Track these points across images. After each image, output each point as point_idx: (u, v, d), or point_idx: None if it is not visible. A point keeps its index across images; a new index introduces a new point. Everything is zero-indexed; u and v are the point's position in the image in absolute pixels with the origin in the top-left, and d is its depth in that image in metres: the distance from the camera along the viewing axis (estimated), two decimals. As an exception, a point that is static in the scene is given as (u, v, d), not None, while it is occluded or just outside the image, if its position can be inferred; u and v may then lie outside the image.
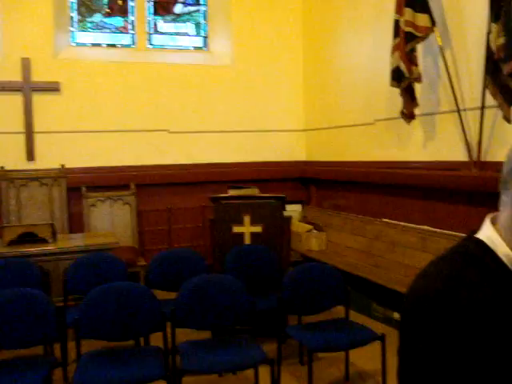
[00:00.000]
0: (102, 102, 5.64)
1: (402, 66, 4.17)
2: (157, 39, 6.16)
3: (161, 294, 3.44)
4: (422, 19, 4.05)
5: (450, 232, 4.01)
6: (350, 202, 5.55)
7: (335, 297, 3.55)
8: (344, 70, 5.63)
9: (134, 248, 5.30)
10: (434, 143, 4.34)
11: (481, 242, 0.88)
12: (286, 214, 4.53)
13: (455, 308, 0.80)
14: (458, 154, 4.02)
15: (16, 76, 5.33)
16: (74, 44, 5.82)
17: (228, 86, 6.12)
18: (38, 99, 5.41)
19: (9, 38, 5.35)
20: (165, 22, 6.23)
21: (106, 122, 5.64)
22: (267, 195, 4.51)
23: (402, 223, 4.61)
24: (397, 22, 4.24)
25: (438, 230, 4.16)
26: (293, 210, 5.93)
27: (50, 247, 4.11)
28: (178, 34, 6.26)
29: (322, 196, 6.13)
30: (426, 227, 4.32)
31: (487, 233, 0.89)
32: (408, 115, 4.31)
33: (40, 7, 5.43)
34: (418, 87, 4.28)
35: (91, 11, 5.96)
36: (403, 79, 4.18)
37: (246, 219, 4.23)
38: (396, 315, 4.30)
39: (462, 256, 0.88)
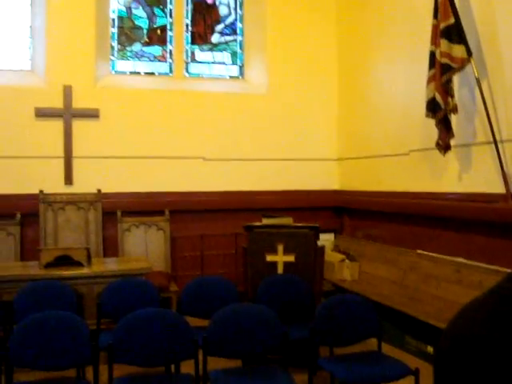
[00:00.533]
0: (139, 128, 5.76)
1: (438, 97, 4.16)
2: (194, 68, 6.29)
3: (193, 321, 3.45)
4: (458, 50, 4.05)
5: (486, 265, 3.94)
6: (383, 232, 5.51)
7: (368, 329, 3.51)
8: (379, 100, 5.64)
9: (167, 273, 5.34)
10: (469, 175, 4.29)
11: None
12: (319, 243, 4.51)
13: (497, 355, 0.79)
14: (495, 186, 3.96)
15: (58, 102, 5.50)
16: (114, 72, 5.98)
17: (263, 114, 6.20)
18: (77, 125, 5.55)
19: (52, 66, 5.53)
20: (202, 51, 6.36)
21: (142, 148, 5.75)
22: (301, 225, 4.50)
23: (437, 255, 4.54)
24: (432, 53, 4.24)
25: (474, 263, 4.09)
26: (326, 239, 5.90)
27: (85, 271, 4.18)
28: (214, 62, 6.38)
29: (355, 225, 6.10)
30: (461, 259, 4.25)
31: None
32: (443, 146, 4.27)
33: (83, 37, 5.61)
34: (453, 118, 4.26)
35: (131, 40, 6.13)
36: (439, 110, 4.16)
37: (280, 248, 4.23)
38: (430, 349, 4.21)
39: (504, 300, 0.86)
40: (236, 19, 6.49)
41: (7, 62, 5.62)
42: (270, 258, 4.24)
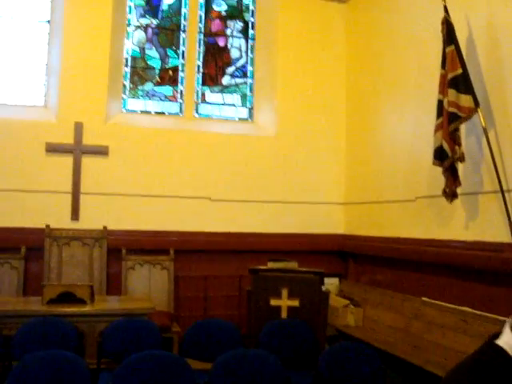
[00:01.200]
0: (147, 166, 5.80)
1: (445, 146, 4.18)
2: (204, 109, 6.38)
3: (194, 364, 3.41)
4: (466, 100, 4.09)
5: (492, 315, 3.89)
6: (388, 277, 5.47)
7: (372, 377, 3.45)
8: (386, 145, 5.68)
9: (170, 313, 5.30)
10: (476, 223, 4.28)
11: (502, 351, 0.87)
12: (323, 288, 4.49)
13: None
14: (501, 235, 3.94)
15: (69, 138, 5.56)
16: (125, 110, 6.07)
17: (270, 156, 6.24)
18: (86, 161, 5.60)
19: (65, 103, 5.62)
20: (212, 92, 6.46)
21: (150, 186, 5.78)
22: (306, 269, 4.50)
23: (442, 303, 4.49)
24: (440, 102, 4.28)
25: (479, 313, 4.03)
26: (330, 283, 5.87)
27: (88, 308, 4.15)
28: (224, 104, 6.48)
29: (360, 270, 6.06)
30: (466, 308, 4.20)
31: (507, 339, 0.88)
32: (450, 194, 4.27)
33: (96, 75, 5.72)
34: (460, 166, 4.27)
35: (143, 80, 6.24)
36: (446, 158, 4.18)
37: (284, 292, 4.22)
38: (434, 400, 4.13)
39: (483, 366, 0.87)
40: (247, 62, 6.62)
41: (22, 97, 5.72)
42: (274, 302, 4.22)
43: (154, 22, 6.36)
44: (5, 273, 5.14)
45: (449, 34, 4.29)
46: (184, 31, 6.39)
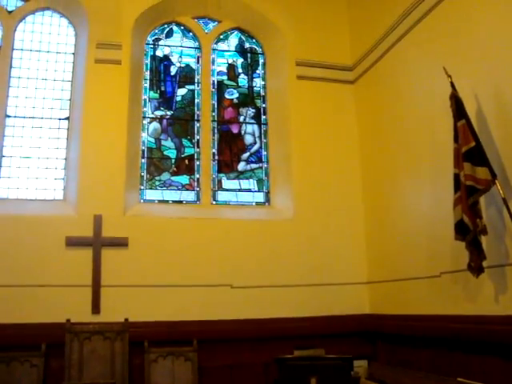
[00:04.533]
0: (167, 256, 5.78)
1: (466, 219, 4.12)
2: (221, 195, 6.43)
3: None
4: (482, 172, 4.08)
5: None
6: (419, 358, 5.23)
7: None
8: (405, 222, 5.62)
9: (194, 408, 5.11)
10: (506, 296, 4.14)
11: None
12: (352, 373, 4.31)
13: None
14: (535, 309, 3.80)
15: (88, 231, 5.59)
16: (143, 201, 6.13)
17: (289, 239, 6.19)
18: (106, 253, 5.60)
19: (84, 196, 5.69)
20: (228, 179, 6.53)
21: (170, 276, 5.73)
22: (334, 356, 4.35)
23: (479, 384, 4.27)
24: (457, 176, 4.27)
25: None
26: (359, 365, 5.63)
27: (110, 407, 4.02)
28: (240, 190, 6.53)
29: (390, 351, 5.83)
30: (506, 389, 3.99)
31: None
32: (476, 268, 4.16)
33: (114, 168, 5.84)
34: (484, 239, 4.20)
35: (160, 170, 6.35)
36: (468, 232, 4.12)
37: (313, 382, 4.06)
38: None
39: None
40: (261, 147, 6.73)
41: (42, 192, 5.85)
42: (302, 392, 4.05)
43: (169, 113, 6.56)
44: (24, 372, 5.01)
45: (458, 108, 4.35)
46: (198, 120, 6.57)
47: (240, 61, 6.99)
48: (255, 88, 6.94)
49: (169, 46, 6.76)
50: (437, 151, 5.02)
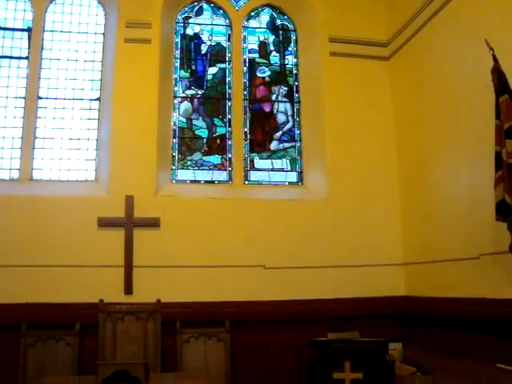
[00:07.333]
0: (199, 237, 5.75)
1: (508, 199, 3.96)
2: (253, 175, 6.34)
3: None
4: (526, 150, 3.92)
5: None
6: (457, 341, 5.09)
7: None
8: (442, 201, 5.45)
9: (227, 388, 5.09)
10: (549, 279, 3.98)
11: None
12: (387, 357, 4.22)
13: None
14: None
15: (120, 212, 5.59)
16: (174, 181, 6.09)
17: (323, 220, 6.09)
18: (138, 234, 5.59)
19: (115, 177, 5.69)
20: (261, 158, 6.44)
21: (202, 257, 5.70)
22: (369, 339, 4.26)
23: (521, 370, 4.13)
24: (498, 154, 4.10)
25: None
26: (393, 348, 5.52)
27: (143, 387, 4.00)
28: (273, 170, 6.43)
29: (426, 334, 5.70)
30: (548, 375, 3.84)
31: None
32: (517, 250, 4.02)
33: (145, 148, 5.80)
34: (526, 220, 4.03)
35: (191, 150, 6.29)
36: (510, 213, 3.95)
37: (347, 365, 3.97)
38: None
39: None
40: (294, 126, 6.60)
41: (74, 173, 5.87)
42: (336, 375, 3.97)
43: (200, 92, 6.47)
44: (60, 350, 5.07)
45: (500, 82, 4.17)
46: (229, 99, 6.47)
47: (271, 38, 6.84)
48: (287, 66, 6.79)
49: (199, 24, 6.65)
50: (477, 128, 4.82)
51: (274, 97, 6.67)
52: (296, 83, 6.73)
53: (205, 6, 6.69)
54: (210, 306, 5.54)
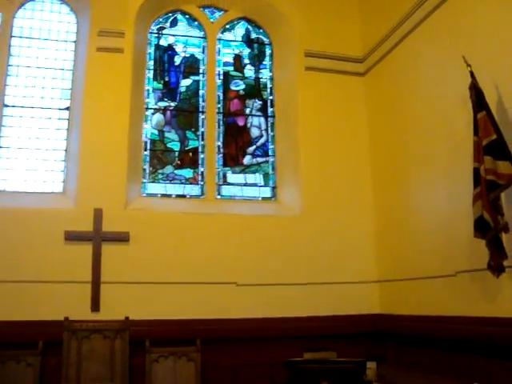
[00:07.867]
0: (169, 252, 5.58)
1: (487, 216, 3.94)
2: (226, 190, 6.22)
3: None
4: (504, 166, 3.91)
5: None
6: (433, 360, 5.02)
7: None
8: (418, 218, 5.41)
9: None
10: (528, 298, 3.94)
11: None
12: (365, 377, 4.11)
13: None
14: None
15: (88, 226, 5.40)
16: (145, 195, 5.93)
17: (297, 236, 5.98)
18: (107, 249, 5.41)
19: (84, 189, 5.50)
20: (233, 173, 6.32)
21: (173, 272, 5.53)
22: (346, 360, 4.15)
23: (498, 389, 4.06)
24: (476, 170, 4.09)
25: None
26: (368, 367, 5.43)
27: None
28: (246, 184, 6.31)
29: (401, 353, 5.61)
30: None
31: None
32: (496, 268, 3.97)
33: (115, 160, 5.64)
34: (505, 237, 3.99)
35: (163, 163, 6.14)
36: (489, 230, 3.91)
37: (324, 386, 3.86)
38: None
39: None
40: (267, 140, 6.52)
41: (41, 185, 5.65)
42: (314, 396, 3.84)
43: (173, 104, 6.35)
44: (20, 371, 4.82)
45: (478, 99, 4.17)
46: (203, 112, 6.36)
47: (247, 51, 6.78)
48: (262, 79, 6.73)
49: (173, 35, 6.55)
50: (453, 144, 4.81)
51: (248, 111, 6.59)
52: (271, 97, 6.66)
53: (179, 16, 6.60)
54: (180, 323, 5.36)
